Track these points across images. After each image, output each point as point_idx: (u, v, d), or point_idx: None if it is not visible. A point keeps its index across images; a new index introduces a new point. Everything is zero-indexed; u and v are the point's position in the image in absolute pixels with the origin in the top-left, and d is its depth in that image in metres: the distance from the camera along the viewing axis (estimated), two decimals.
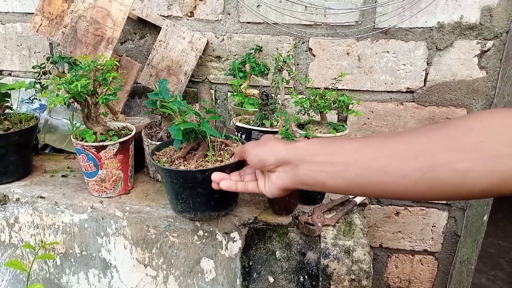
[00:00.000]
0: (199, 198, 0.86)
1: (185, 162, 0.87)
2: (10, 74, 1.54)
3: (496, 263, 2.47)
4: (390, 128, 1.34)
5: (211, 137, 0.88)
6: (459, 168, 0.47)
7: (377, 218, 1.45)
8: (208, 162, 0.86)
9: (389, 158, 0.52)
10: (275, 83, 1.10)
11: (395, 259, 1.49)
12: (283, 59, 1.00)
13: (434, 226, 1.43)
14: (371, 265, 0.84)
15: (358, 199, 1.02)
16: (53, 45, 1.49)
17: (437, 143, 0.49)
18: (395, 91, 1.31)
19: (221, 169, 0.81)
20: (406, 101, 1.32)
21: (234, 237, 0.94)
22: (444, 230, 1.43)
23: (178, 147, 0.89)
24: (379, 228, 1.46)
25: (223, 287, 0.98)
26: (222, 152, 0.91)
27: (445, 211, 1.40)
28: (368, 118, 1.35)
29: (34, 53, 1.50)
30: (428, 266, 1.48)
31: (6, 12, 1.47)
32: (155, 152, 0.93)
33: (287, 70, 1.03)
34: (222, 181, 0.78)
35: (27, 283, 1.00)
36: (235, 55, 1.35)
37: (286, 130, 0.97)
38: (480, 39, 1.25)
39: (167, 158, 0.89)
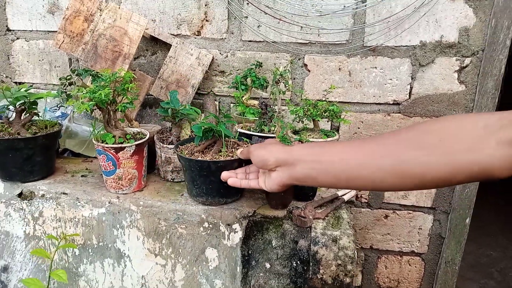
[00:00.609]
0: (211, 185, 1.03)
1: (202, 155, 1.05)
2: (31, 86, 1.68)
3: (487, 273, 2.57)
4: None
5: (225, 137, 1.06)
6: (422, 161, 0.60)
7: (368, 221, 1.56)
8: (221, 156, 1.04)
9: (367, 156, 0.66)
10: (273, 94, 1.24)
11: (385, 260, 1.60)
12: (280, 73, 1.14)
13: (420, 229, 1.54)
14: (355, 252, 0.96)
15: (346, 197, 1.14)
16: (72, 60, 1.63)
17: (405, 142, 0.63)
18: (382, 103, 1.45)
19: (231, 162, 0.99)
20: (393, 112, 1.45)
21: (236, 229, 1.06)
22: (430, 232, 1.54)
23: (198, 143, 1.06)
24: (369, 230, 1.57)
25: (225, 274, 1.10)
26: (233, 149, 1.08)
27: (430, 214, 1.52)
28: (359, 128, 1.48)
29: (54, 67, 1.65)
30: (415, 266, 1.59)
31: (31, 31, 1.62)
32: (179, 146, 1.11)
33: (283, 83, 1.16)
34: (230, 179, 0.93)
35: (50, 269, 1.11)
36: (237, 70, 1.49)
37: (283, 135, 1.10)
38: (459, 56, 1.39)
39: (188, 151, 1.07)
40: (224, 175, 0.94)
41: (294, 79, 1.48)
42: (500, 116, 0.56)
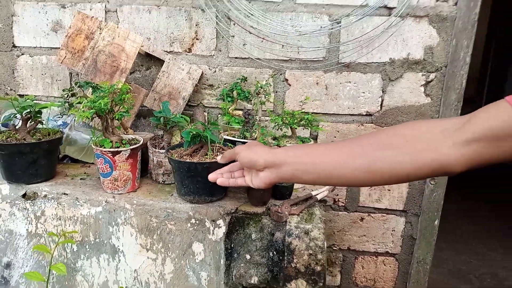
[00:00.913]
0: (198, 185, 1.16)
1: (190, 157, 1.18)
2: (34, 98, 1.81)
3: (466, 279, 2.68)
4: None
5: (211, 142, 1.19)
6: (392, 160, 0.72)
7: (345, 224, 1.69)
8: (207, 158, 1.17)
9: (345, 157, 0.77)
10: (255, 105, 1.37)
11: (361, 260, 1.72)
12: (260, 85, 1.28)
13: (394, 230, 1.67)
14: (325, 243, 1.08)
15: (319, 196, 1.27)
16: (72, 74, 1.77)
17: (377, 144, 0.75)
18: (356, 114, 1.59)
19: (216, 163, 1.09)
20: (366, 123, 1.59)
21: (220, 224, 1.18)
22: (402, 233, 1.66)
23: (187, 147, 1.19)
24: (347, 232, 1.69)
25: (210, 267, 1.21)
26: (218, 153, 1.20)
27: (402, 217, 1.65)
28: (335, 137, 1.62)
29: (56, 81, 1.78)
30: (390, 266, 1.71)
31: (35, 47, 1.75)
32: (170, 150, 1.23)
33: (263, 94, 1.30)
34: (218, 179, 0.99)
35: (50, 264, 1.22)
36: (224, 84, 1.63)
37: (263, 140, 1.24)
38: (424, 72, 1.54)
39: (178, 154, 1.20)
40: (212, 176, 1.00)
41: (276, 92, 1.62)
42: (455, 121, 0.69)
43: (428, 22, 1.50)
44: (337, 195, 1.66)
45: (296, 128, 1.34)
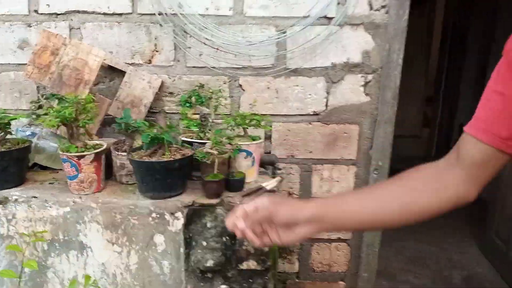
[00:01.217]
0: (157, 182, 1.28)
1: (149, 158, 1.30)
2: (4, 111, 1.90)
3: (424, 264, 2.88)
4: (303, 142, 1.77)
5: (169, 143, 1.32)
6: (419, 202, 0.83)
7: None
8: (165, 158, 1.29)
9: (378, 203, 0.86)
10: (211, 109, 1.52)
11: (317, 247, 1.87)
12: (211, 91, 1.42)
13: None
14: None
15: (269, 187, 1.42)
16: (39, 88, 1.87)
17: (401, 189, 0.86)
18: (305, 114, 1.75)
19: (172, 162, 1.24)
20: (314, 122, 1.76)
21: (178, 216, 1.31)
22: None
23: (146, 149, 1.31)
24: None
25: (171, 256, 1.34)
26: (175, 153, 1.33)
27: None
28: (287, 135, 1.77)
29: (24, 95, 1.88)
30: (343, 251, 1.87)
31: (3, 64, 1.85)
32: (131, 152, 1.35)
33: (215, 99, 1.44)
34: (256, 242, 0.87)
35: (22, 262, 1.32)
36: (184, 91, 1.76)
37: (217, 141, 1.38)
38: (363, 74, 1.72)
39: (138, 156, 1.32)
40: (250, 236, 0.86)
41: (232, 97, 1.76)
42: (449, 161, 0.83)
43: (364, 29, 1.68)
44: (291, 188, 1.81)
45: (247, 128, 1.49)
